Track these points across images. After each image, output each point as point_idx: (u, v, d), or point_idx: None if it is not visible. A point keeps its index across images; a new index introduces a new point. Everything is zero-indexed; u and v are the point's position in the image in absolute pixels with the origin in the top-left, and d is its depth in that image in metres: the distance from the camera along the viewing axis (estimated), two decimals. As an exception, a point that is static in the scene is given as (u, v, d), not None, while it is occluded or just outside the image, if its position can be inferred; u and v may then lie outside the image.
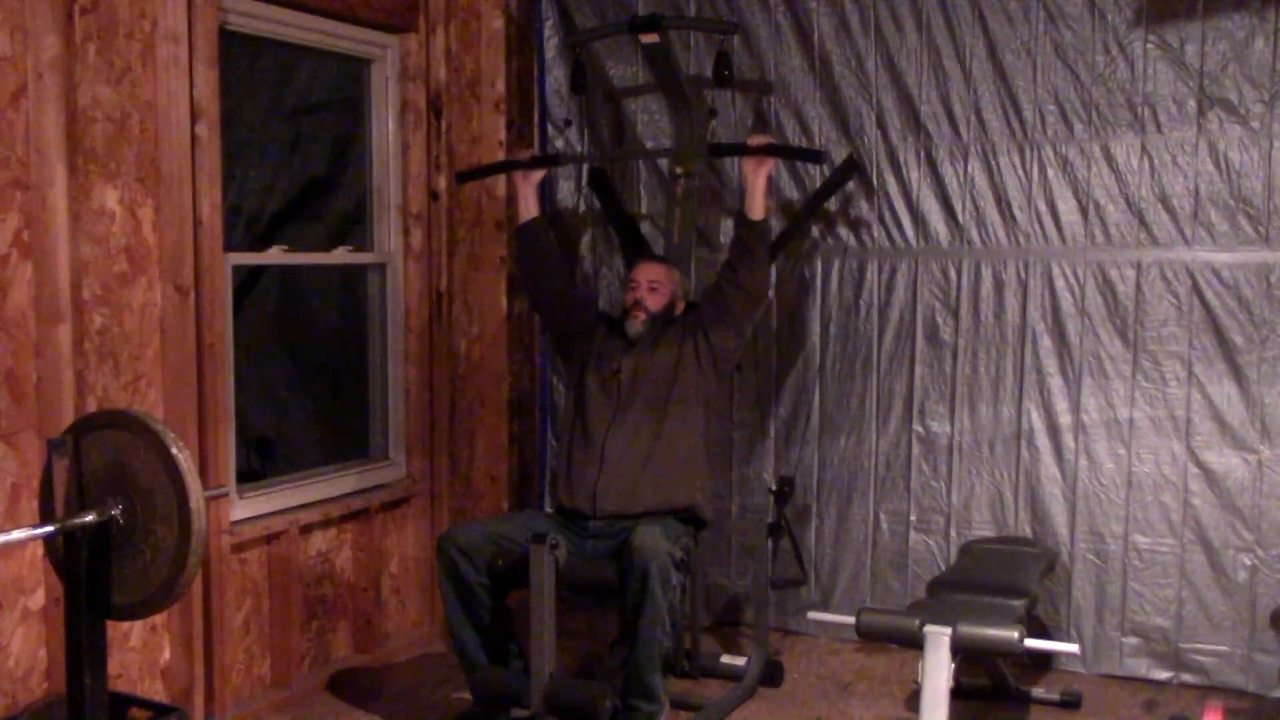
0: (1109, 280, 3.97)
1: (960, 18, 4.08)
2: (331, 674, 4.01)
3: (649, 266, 3.99)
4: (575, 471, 3.74)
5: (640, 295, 3.90)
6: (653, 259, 4.09)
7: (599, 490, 3.65)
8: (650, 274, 3.95)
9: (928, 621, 3.12)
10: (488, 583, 3.49)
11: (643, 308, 3.88)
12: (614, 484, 3.66)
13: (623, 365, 3.83)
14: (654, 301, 3.89)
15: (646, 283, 3.92)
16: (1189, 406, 3.89)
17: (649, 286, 3.91)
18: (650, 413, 3.76)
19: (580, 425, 3.83)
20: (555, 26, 4.66)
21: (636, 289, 3.92)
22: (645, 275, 3.95)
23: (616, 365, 3.84)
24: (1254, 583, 3.84)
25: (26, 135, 3.02)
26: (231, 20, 3.62)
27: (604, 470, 3.68)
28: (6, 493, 3.02)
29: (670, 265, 4.02)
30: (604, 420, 3.77)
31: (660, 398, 3.78)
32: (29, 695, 3.09)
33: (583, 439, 3.78)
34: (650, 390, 3.80)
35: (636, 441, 3.72)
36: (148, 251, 3.34)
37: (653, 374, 3.81)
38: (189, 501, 2.49)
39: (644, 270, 3.97)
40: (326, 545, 4.04)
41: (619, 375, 3.82)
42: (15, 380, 3.03)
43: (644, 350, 3.85)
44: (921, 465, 4.25)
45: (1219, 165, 3.81)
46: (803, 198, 4.33)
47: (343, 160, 4.54)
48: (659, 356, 3.83)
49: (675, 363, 3.81)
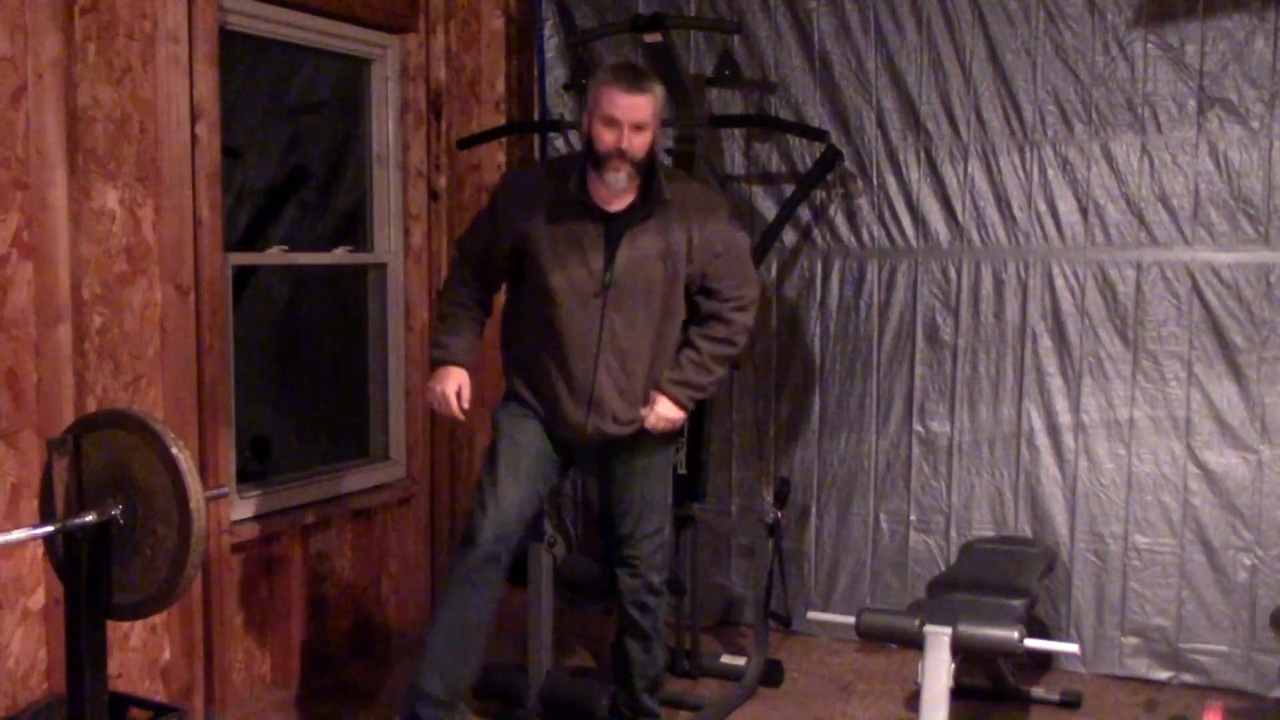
0: (1109, 280, 3.97)
1: (960, 18, 4.08)
2: (331, 674, 4.01)
3: (632, 99, 2.93)
4: (551, 405, 3.17)
5: (622, 139, 2.93)
6: (634, 84, 2.96)
7: (589, 428, 3.15)
8: (635, 110, 2.93)
9: (928, 621, 3.12)
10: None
11: (625, 157, 2.94)
12: (606, 419, 3.14)
13: (616, 259, 3.01)
14: (639, 147, 2.95)
15: (630, 123, 2.93)
16: (1189, 406, 3.89)
17: (634, 127, 2.93)
18: (647, 329, 3.10)
19: (552, 350, 3.11)
20: (555, 26, 4.65)
21: (616, 130, 2.93)
22: (629, 112, 2.92)
23: (603, 260, 3.02)
24: (1254, 583, 3.84)
25: (26, 135, 3.01)
26: (231, 20, 3.62)
27: (594, 412, 3.13)
28: (6, 493, 3.02)
29: (654, 91, 2.99)
30: (588, 346, 3.07)
31: (657, 306, 3.09)
32: (29, 695, 3.08)
33: (559, 370, 3.11)
34: (646, 292, 3.07)
35: (632, 368, 3.11)
36: (148, 251, 3.34)
37: (647, 270, 3.05)
38: (189, 501, 2.49)
39: (624, 103, 2.92)
40: (326, 545, 4.04)
41: (611, 274, 3.02)
42: (15, 380, 3.02)
43: (635, 231, 3.03)
44: (921, 465, 4.25)
45: (1219, 165, 3.81)
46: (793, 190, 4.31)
47: (343, 160, 4.54)
48: (651, 242, 3.04)
49: (666, 252, 3.05)
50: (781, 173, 4.35)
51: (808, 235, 4.36)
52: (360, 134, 4.34)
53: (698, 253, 3.11)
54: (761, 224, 4.34)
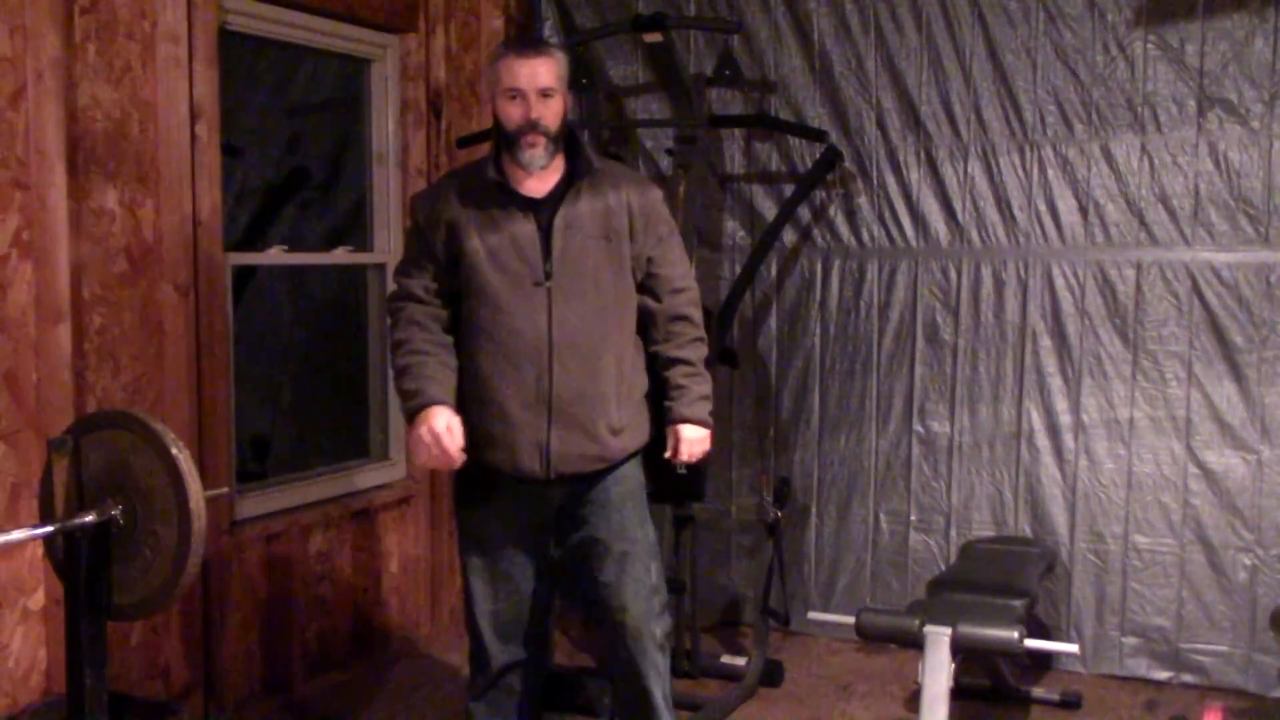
0: (1109, 280, 3.97)
1: (960, 18, 4.08)
2: (331, 674, 4.01)
3: (531, 64, 2.69)
4: (504, 439, 2.75)
5: (531, 110, 2.69)
6: (530, 48, 2.76)
7: (554, 447, 2.75)
8: (537, 76, 2.68)
9: (928, 621, 3.12)
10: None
11: (537, 129, 2.69)
12: (574, 431, 2.75)
13: (553, 243, 2.72)
14: (550, 116, 2.70)
15: (535, 90, 2.69)
16: (1189, 406, 3.89)
17: (540, 94, 2.69)
18: (602, 317, 2.77)
19: (500, 363, 2.74)
20: (555, 26, 4.65)
21: (523, 100, 2.69)
22: (530, 79, 2.68)
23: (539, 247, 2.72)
24: (1254, 583, 3.84)
25: (26, 135, 3.01)
26: (231, 20, 3.62)
27: (556, 426, 2.73)
28: (6, 493, 3.02)
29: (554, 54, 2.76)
30: (539, 347, 2.72)
31: (609, 291, 2.79)
32: (29, 695, 3.08)
33: (512, 384, 2.74)
34: (594, 275, 2.76)
35: (593, 365, 2.75)
36: (147, 251, 3.34)
37: (589, 251, 2.76)
38: (189, 501, 2.49)
39: (522, 69, 2.69)
40: (326, 545, 4.03)
41: (551, 260, 2.72)
42: (15, 380, 3.02)
43: (567, 211, 2.75)
44: (921, 465, 4.25)
45: (1219, 165, 3.81)
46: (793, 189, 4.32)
47: (343, 160, 4.54)
48: (588, 220, 2.76)
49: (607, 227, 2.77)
50: (781, 173, 4.35)
51: (808, 235, 4.36)
52: (360, 134, 4.35)
53: (639, 231, 2.82)
54: (761, 224, 4.34)
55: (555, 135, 2.72)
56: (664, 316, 2.92)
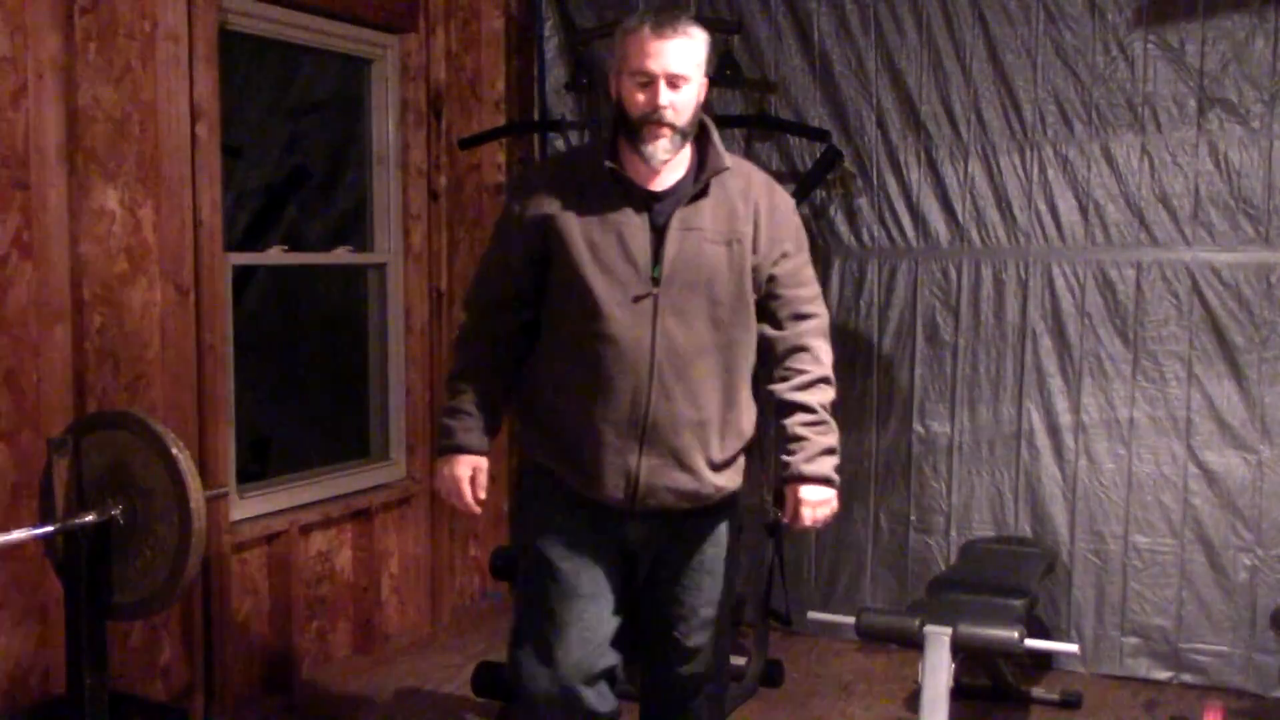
0: (1109, 280, 3.97)
1: (960, 18, 4.08)
2: (331, 674, 4.01)
3: (667, 45, 2.34)
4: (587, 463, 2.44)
5: (659, 97, 2.34)
6: (669, 25, 2.36)
7: (643, 477, 2.44)
8: (673, 59, 2.34)
9: (928, 621, 3.12)
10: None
11: (664, 121, 2.35)
12: (667, 461, 2.44)
13: (666, 246, 2.37)
14: (681, 106, 2.36)
15: (667, 75, 2.34)
16: (1189, 406, 3.89)
17: (672, 81, 2.34)
18: (715, 337, 2.44)
19: (590, 378, 2.41)
20: (555, 26, 4.65)
21: (651, 87, 2.35)
22: (664, 61, 2.33)
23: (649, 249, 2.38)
24: (1254, 583, 3.84)
25: (26, 135, 3.01)
26: (231, 20, 3.62)
27: (647, 454, 2.42)
28: (6, 493, 3.02)
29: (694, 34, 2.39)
30: (638, 363, 2.38)
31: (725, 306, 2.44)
32: (29, 695, 3.08)
33: (600, 402, 2.41)
34: (708, 285, 2.41)
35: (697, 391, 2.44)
36: (148, 251, 3.34)
37: (707, 257, 2.41)
38: (189, 501, 2.49)
39: (654, 49, 2.33)
40: (326, 545, 4.04)
41: (661, 266, 2.37)
42: (15, 380, 3.02)
43: (687, 210, 2.40)
44: (921, 465, 4.24)
45: (1219, 165, 3.81)
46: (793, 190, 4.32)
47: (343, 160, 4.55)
48: (710, 222, 2.42)
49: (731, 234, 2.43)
50: (781, 173, 4.34)
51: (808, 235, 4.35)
52: (360, 134, 4.35)
53: (765, 241, 2.47)
54: (761, 224, 4.34)
55: (684, 128, 2.38)
56: (782, 347, 2.57)
